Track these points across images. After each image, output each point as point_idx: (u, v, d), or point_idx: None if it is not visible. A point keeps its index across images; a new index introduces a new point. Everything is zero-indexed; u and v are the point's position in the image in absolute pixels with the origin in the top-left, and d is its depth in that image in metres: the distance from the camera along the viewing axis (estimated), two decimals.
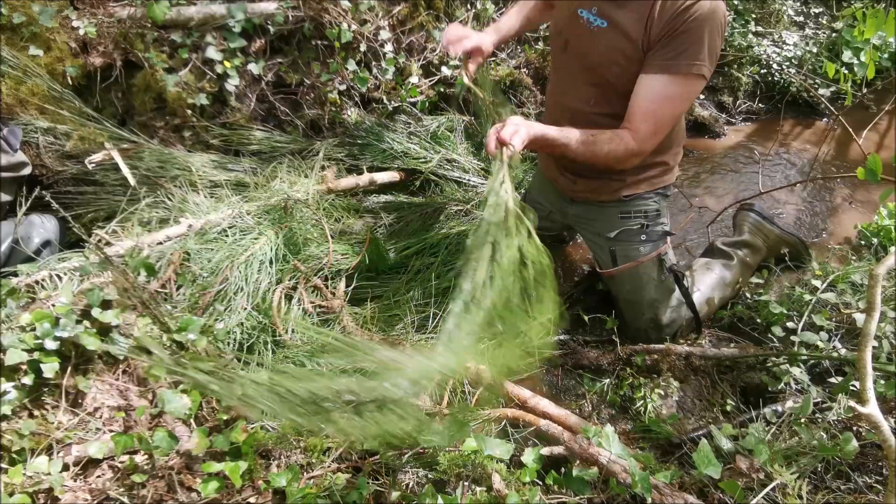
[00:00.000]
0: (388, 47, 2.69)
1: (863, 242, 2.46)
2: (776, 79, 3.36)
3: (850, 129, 2.23)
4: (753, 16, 3.43)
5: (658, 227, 1.91)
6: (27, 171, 2.10)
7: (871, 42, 2.30)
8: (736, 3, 3.37)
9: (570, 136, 1.57)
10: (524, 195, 2.33)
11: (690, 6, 1.46)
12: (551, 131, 1.54)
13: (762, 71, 3.37)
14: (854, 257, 2.32)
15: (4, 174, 1.99)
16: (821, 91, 3.31)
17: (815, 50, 3.38)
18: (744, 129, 3.31)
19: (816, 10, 3.65)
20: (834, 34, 3.41)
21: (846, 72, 2.51)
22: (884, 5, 1.84)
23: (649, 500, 1.29)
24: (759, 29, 3.45)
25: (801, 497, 1.23)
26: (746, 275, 2.16)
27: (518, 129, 1.43)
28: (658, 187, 1.89)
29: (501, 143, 1.41)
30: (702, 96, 3.36)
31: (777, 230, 2.24)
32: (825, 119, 3.37)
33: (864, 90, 3.18)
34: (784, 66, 3.34)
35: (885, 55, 3.31)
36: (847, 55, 3.27)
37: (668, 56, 1.50)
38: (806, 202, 2.78)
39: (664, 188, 1.91)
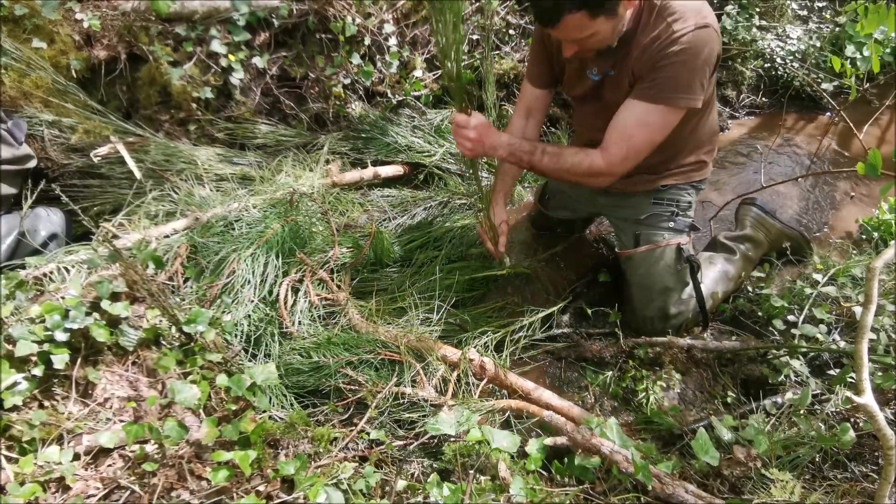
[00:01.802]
0: (393, 41, 2.69)
1: (864, 237, 2.47)
2: (780, 73, 3.36)
3: (851, 125, 2.24)
4: (757, 9, 3.42)
5: (687, 218, 1.97)
6: (32, 163, 2.11)
7: (873, 36, 2.30)
8: None
9: (533, 148, 1.74)
10: (546, 183, 2.35)
11: (672, 43, 1.52)
12: (518, 144, 1.74)
13: (766, 65, 3.37)
14: (855, 251, 2.34)
15: (10, 167, 2.01)
16: (823, 86, 3.31)
17: (818, 44, 3.38)
18: (747, 123, 3.32)
19: (820, 5, 3.65)
20: (837, 28, 3.41)
21: (856, 58, 2.51)
22: (885, 1, 1.84)
23: (650, 488, 1.31)
24: (763, 23, 3.44)
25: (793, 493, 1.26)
26: (748, 269, 2.17)
27: (479, 144, 1.70)
28: (693, 181, 1.96)
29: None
30: None
31: (779, 224, 2.26)
32: (828, 113, 3.37)
33: (867, 85, 3.18)
34: (788, 61, 3.34)
35: (888, 50, 3.31)
36: (850, 50, 3.27)
37: (650, 86, 1.58)
38: (807, 196, 2.79)
39: (699, 182, 1.98)
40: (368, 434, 1.51)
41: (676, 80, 1.55)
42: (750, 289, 2.15)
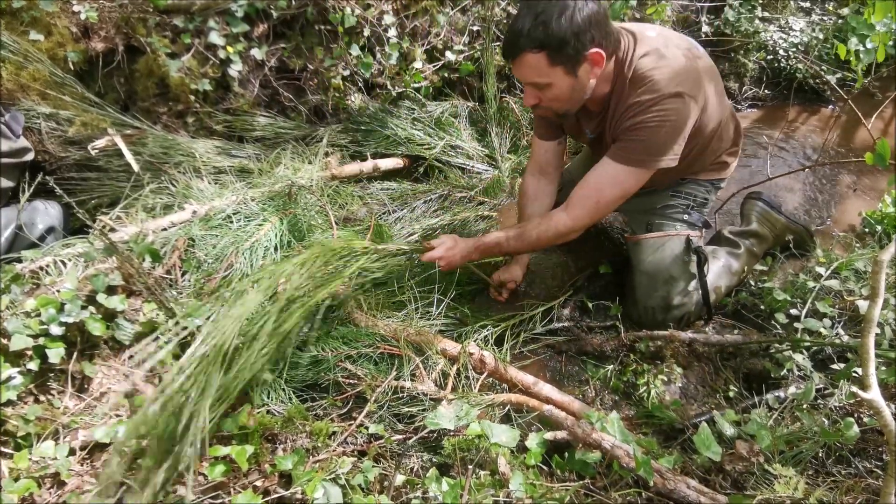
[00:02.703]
0: (392, 32, 2.67)
1: (867, 230, 2.45)
2: (782, 65, 3.33)
3: (860, 114, 2.21)
4: (760, 1, 3.39)
5: (701, 213, 1.99)
6: (30, 156, 2.10)
7: (877, 28, 2.27)
8: None
9: (505, 238, 1.83)
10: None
11: (642, 112, 1.58)
12: (485, 241, 1.84)
13: (768, 57, 3.34)
14: (858, 245, 2.32)
15: (7, 160, 1.99)
16: (827, 78, 3.28)
17: (821, 36, 3.34)
18: (749, 116, 3.29)
19: None
20: (840, 20, 3.37)
21: (859, 50, 2.48)
22: None
23: (651, 483, 1.30)
24: (766, 14, 3.41)
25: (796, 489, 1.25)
26: (752, 264, 2.15)
27: (452, 257, 1.81)
28: (713, 178, 1.98)
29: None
30: None
31: (784, 219, 2.24)
32: (831, 106, 3.35)
33: (871, 77, 3.16)
34: (790, 53, 3.31)
35: (891, 42, 3.28)
36: (853, 42, 3.24)
37: (624, 146, 1.66)
38: (811, 189, 2.77)
39: (719, 180, 2.01)
40: (367, 428, 1.50)
41: (647, 145, 1.62)
42: (752, 282, 2.14)
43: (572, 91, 1.61)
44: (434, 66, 2.82)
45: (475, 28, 2.88)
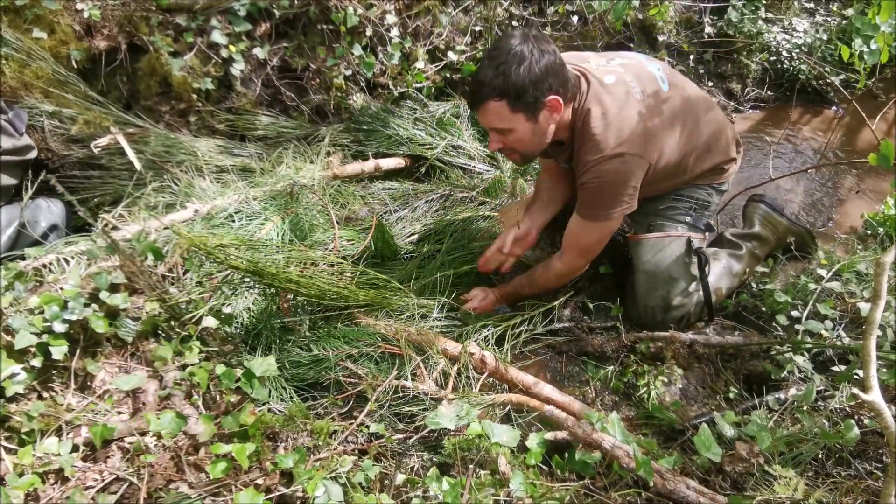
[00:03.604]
0: (395, 32, 2.67)
1: (869, 232, 2.45)
2: (785, 66, 3.32)
3: (863, 114, 2.20)
4: (763, 2, 3.39)
5: (704, 217, 2.01)
6: (33, 154, 2.10)
7: (881, 28, 2.27)
8: None
9: (520, 284, 2.04)
10: None
11: (587, 172, 1.70)
12: (506, 289, 2.05)
13: (771, 58, 3.34)
14: (860, 247, 2.31)
15: (10, 157, 2.00)
16: (830, 79, 3.28)
17: (825, 37, 3.34)
18: (752, 117, 3.29)
19: None
20: (844, 21, 3.37)
21: (863, 51, 2.47)
22: None
23: (651, 483, 1.30)
24: (769, 15, 3.40)
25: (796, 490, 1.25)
26: (753, 266, 2.15)
27: (486, 306, 2.00)
28: (714, 182, 2.00)
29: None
30: (710, 84, 3.34)
31: (786, 221, 2.23)
32: (834, 107, 3.34)
33: (875, 78, 3.15)
34: (794, 54, 3.30)
35: (894, 44, 3.28)
36: (857, 43, 3.23)
37: (581, 203, 1.79)
38: (813, 191, 2.77)
39: (720, 184, 2.02)
40: (368, 427, 1.50)
41: (597, 202, 1.74)
42: (753, 284, 2.14)
43: (533, 135, 1.70)
44: (436, 67, 2.82)
45: (477, 28, 2.88)
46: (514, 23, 2.96)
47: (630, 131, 1.66)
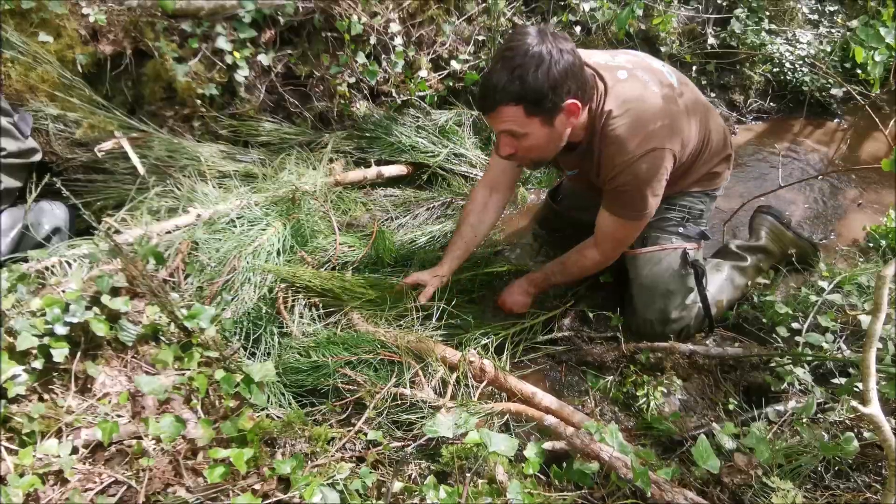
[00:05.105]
0: (398, 40, 2.68)
1: (871, 244, 2.44)
2: (788, 78, 3.33)
3: (877, 119, 2.19)
4: (767, 13, 3.40)
5: (697, 226, 1.99)
6: (37, 157, 2.12)
7: (886, 39, 2.27)
8: (750, 0, 3.34)
9: (551, 271, 2.00)
10: (560, 183, 2.37)
11: (619, 175, 1.65)
12: (534, 275, 2.02)
13: (774, 70, 3.35)
14: (862, 259, 2.31)
15: (15, 160, 2.01)
16: (833, 91, 3.29)
17: (829, 49, 3.35)
18: (755, 128, 3.30)
19: (831, 8, 3.61)
20: (849, 33, 3.38)
21: (873, 56, 2.47)
22: None
23: (649, 494, 1.30)
24: (773, 27, 3.42)
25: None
26: (755, 278, 2.14)
27: (526, 300, 2.02)
28: (708, 188, 1.99)
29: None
30: (713, 94, 3.35)
31: (791, 234, 2.23)
32: (836, 119, 3.35)
33: (879, 91, 3.16)
34: (797, 66, 3.31)
35: None
36: (862, 54, 3.24)
37: (615, 203, 1.76)
38: (815, 203, 2.77)
39: (713, 190, 2.01)
40: (366, 434, 1.50)
41: (632, 201, 1.71)
42: (754, 295, 2.13)
43: (549, 140, 1.61)
44: (439, 75, 2.83)
45: (480, 38, 2.89)
46: None
47: (655, 125, 1.62)
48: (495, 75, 1.48)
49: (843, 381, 1.67)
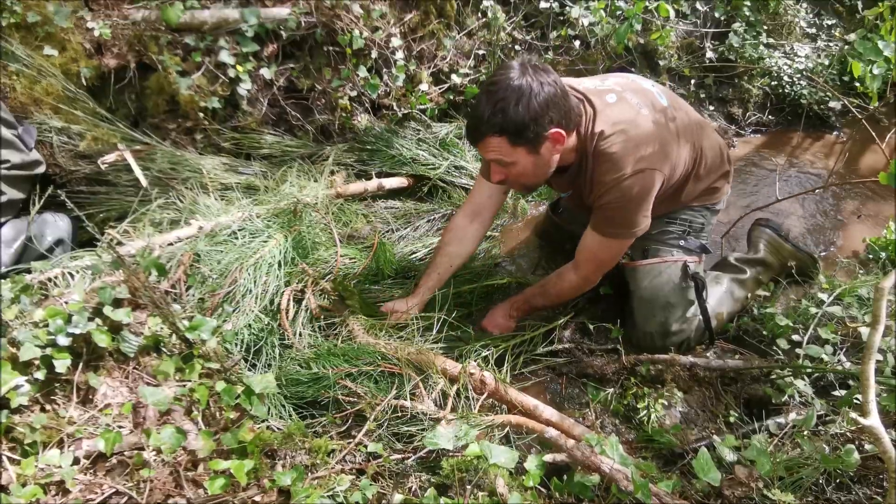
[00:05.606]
0: (399, 54, 2.71)
1: (871, 256, 2.45)
2: (787, 91, 3.36)
3: (874, 134, 2.21)
4: (765, 27, 3.44)
5: (698, 239, 2.01)
6: (41, 169, 2.13)
7: (885, 53, 2.29)
8: (748, 15, 3.38)
9: (531, 294, 2.00)
10: (558, 199, 2.38)
11: (608, 192, 1.67)
12: (516, 298, 2.02)
13: (772, 83, 3.37)
14: (861, 271, 2.32)
15: (19, 172, 2.02)
16: (831, 104, 3.31)
17: (827, 62, 3.38)
18: (753, 141, 3.32)
19: (829, 22, 3.65)
20: (847, 46, 3.41)
21: (871, 70, 2.49)
22: None
23: None
24: (771, 41, 3.45)
25: None
26: (755, 290, 2.15)
27: (509, 323, 2.00)
28: (708, 203, 2.00)
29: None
30: (711, 108, 3.38)
31: (790, 247, 2.24)
32: (835, 132, 3.37)
33: (878, 105, 3.18)
34: (795, 79, 3.34)
35: None
36: (861, 67, 3.26)
37: (601, 221, 1.76)
38: (814, 215, 2.78)
39: (713, 204, 2.02)
40: (366, 447, 1.50)
41: (620, 221, 1.73)
42: (755, 308, 2.14)
43: (535, 167, 1.67)
44: (440, 89, 2.86)
45: (481, 52, 2.92)
46: (517, 47, 3.01)
47: (646, 146, 1.65)
48: (480, 108, 1.56)
49: (843, 393, 1.67)
